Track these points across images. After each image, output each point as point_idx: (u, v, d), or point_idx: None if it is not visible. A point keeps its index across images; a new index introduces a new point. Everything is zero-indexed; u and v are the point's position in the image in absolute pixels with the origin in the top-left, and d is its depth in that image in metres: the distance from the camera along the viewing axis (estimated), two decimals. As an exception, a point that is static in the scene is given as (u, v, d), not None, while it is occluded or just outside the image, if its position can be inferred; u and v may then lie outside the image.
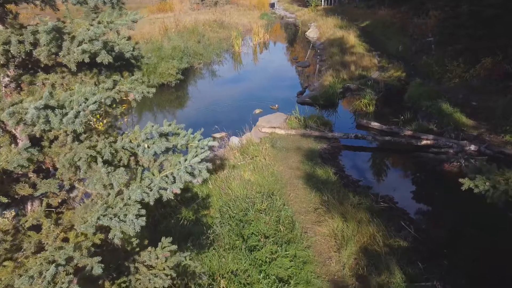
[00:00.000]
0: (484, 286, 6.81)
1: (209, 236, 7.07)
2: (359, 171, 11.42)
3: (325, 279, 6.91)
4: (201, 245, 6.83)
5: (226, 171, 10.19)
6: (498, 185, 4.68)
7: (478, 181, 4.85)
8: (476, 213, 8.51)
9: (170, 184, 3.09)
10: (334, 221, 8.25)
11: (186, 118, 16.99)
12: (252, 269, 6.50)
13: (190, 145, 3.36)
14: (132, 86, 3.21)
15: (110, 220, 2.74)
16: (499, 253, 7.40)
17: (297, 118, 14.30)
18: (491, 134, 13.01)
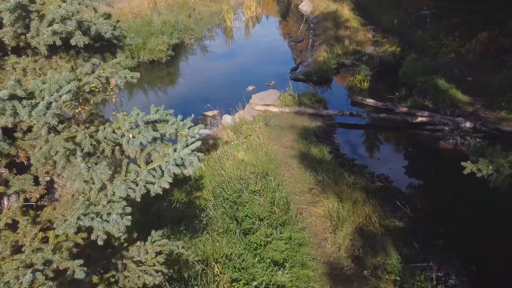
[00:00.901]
0: (479, 265, 6.75)
1: (202, 219, 6.88)
2: (354, 149, 11.25)
3: (320, 261, 6.80)
4: (194, 229, 6.66)
5: (219, 151, 9.94)
6: (502, 168, 4.49)
7: (481, 164, 4.65)
8: (472, 191, 8.40)
9: (158, 178, 2.84)
10: (330, 202, 8.10)
11: (177, 95, 16.59)
12: (247, 253, 6.36)
13: (180, 133, 3.09)
14: (113, 70, 2.89)
15: (91, 220, 2.49)
16: (494, 232, 7.33)
17: (291, 95, 13.98)
18: (487, 111, 12.84)
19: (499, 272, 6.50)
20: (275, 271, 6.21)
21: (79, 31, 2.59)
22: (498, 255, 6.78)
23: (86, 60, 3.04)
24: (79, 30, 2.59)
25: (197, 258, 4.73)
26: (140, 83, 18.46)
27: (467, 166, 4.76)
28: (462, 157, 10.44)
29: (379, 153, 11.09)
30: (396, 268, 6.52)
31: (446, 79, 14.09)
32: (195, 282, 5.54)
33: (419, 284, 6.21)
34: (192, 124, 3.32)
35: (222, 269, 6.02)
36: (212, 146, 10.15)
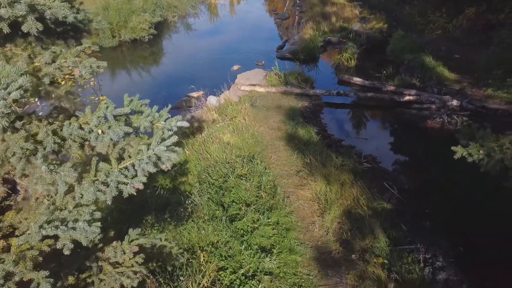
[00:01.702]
0: (466, 246, 6.73)
1: (187, 207, 6.67)
2: (341, 129, 11.08)
3: (308, 245, 6.70)
4: (179, 216, 6.46)
5: (204, 133, 9.67)
6: (493, 153, 4.36)
7: (472, 149, 4.51)
8: (459, 171, 8.34)
9: (131, 178, 2.59)
10: (317, 184, 7.97)
11: (161, 76, 16.11)
12: (234, 240, 6.20)
13: (156, 125, 2.83)
14: (77, 59, 2.58)
15: (56, 229, 2.25)
16: (481, 212, 7.30)
17: (277, 75, 13.66)
18: (473, 88, 12.75)
19: (485, 253, 6.49)
20: (262, 258, 6.08)
21: (31, 16, 2.27)
22: (484, 235, 6.77)
23: (46, 48, 2.71)
24: (31, 15, 2.26)
25: (181, 250, 4.54)
26: (122, 63, 17.89)
27: (457, 150, 4.61)
28: (449, 136, 10.45)
29: (366, 133, 10.95)
30: (384, 251, 6.46)
31: (433, 56, 13.93)
32: (180, 272, 5.39)
33: (407, 267, 6.16)
34: (169, 115, 3.05)
35: (208, 258, 5.86)
36: (197, 129, 9.87)
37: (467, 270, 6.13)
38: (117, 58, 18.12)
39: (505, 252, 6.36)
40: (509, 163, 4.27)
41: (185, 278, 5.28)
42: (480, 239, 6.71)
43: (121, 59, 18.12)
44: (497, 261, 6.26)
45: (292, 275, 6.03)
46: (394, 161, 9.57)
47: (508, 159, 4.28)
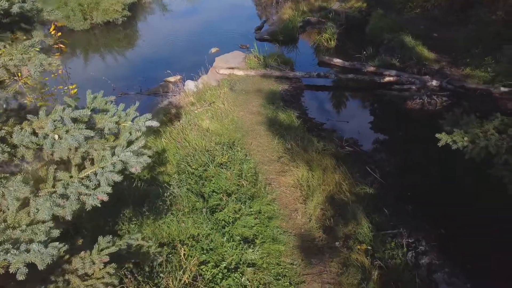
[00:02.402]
0: (447, 228, 6.73)
1: (165, 199, 6.42)
2: (322, 112, 10.91)
3: (291, 233, 6.57)
4: (158, 210, 6.20)
5: (182, 120, 9.34)
6: (477, 140, 4.24)
7: (456, 135, 4.39)
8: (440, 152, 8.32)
9: (93, 188, 2.33)
10: (299, 170, 7.81)
11: (137, 60, 15.53)
12: (215, 232, 6.00)
13: (123, 125, 2.55)
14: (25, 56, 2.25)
15: (5, 253, 1.98)
16: (461, 193, 7.31)
17: (256, 57, 13.32)
18: (452, 68, 12.74)
19: (466, 234, 6.50)
20: (245, 249, 5.92)
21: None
22: (465, 217, 6.78)
23: (-15, 44, 2.38)
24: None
25: (159, 249, 4.32)
26: (96, 48, 17.18)
27: (442, 137, 4.49)
28: (429, 116, 10.41)
29: (347, 116, 10.82)
30: (368, 237, 6.39)
31: (412, 35, 13.81)
32: (160, 269, 5.18)
33: (390, 252, 6.12)
34: (137, 114, 2.77)
35: (189, 252, 5.66)
36: (174, 116, 9.53)
37: (449, 253, 6.12)
38: (90, 41, 17.37)
39: (485, 234, 6.39)
40: (493, 150, 4.17)
41: (165, 275, 5.07)
42: (461, 221, 6.72)
43: (94, 43, 17.39)
44: (477, 243, 6.28)
45: (275, 265, 5.90)
46: (375, 144, 9.50)
47: (492, 146, 4.18)
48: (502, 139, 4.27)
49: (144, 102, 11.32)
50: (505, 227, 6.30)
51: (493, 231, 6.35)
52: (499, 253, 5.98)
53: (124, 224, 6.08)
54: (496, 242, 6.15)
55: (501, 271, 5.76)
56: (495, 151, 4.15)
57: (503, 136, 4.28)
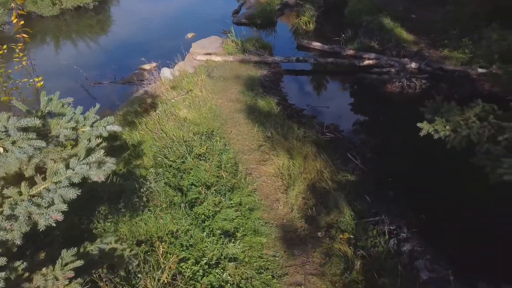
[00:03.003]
0: (427, 213, 6.71)
1: (142, 195, 6.16)
2: (302, 98, 10.72)
3: (273, 224, 6.43)
4: (134, 206, 5.96)
5: (158, 110, 9.00)
6: (459, 129, 4.12)
7: (438, 124, 4.26)
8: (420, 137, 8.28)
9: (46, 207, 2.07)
10: (280, 159, 7.65)
11: (110, 47, 14.95)
12: (194, 228, 5.81)
13: (81, 130, 2.29)
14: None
15: None
16: (442, 179, 7.29)
17: (234, 42, 12.97)
18: (431, 49, 12.69)
19: (447, 219, 6.50)
20: (226, 243, 5.76)
21: None
22: (445, 202, 6.76)
23: None
24: None
25: (134, 251, 4.10)
26: (67, 34, 16.46)
27: (423, 127, 4.36)
28: (409, 100, 10.36)
29: (327, 101, 10.65)
30: (350, 225, 6.31)
31: (391, 17, 13.66)
32: (137, 269, 4.97)
33: (372, 240, 6.06)
34: (97, 117, 2.50)
35: (168, 249, 5.47)
36: (150, 106, 9.19)
37: (430, 240, 6.09)
38: (60, 28, 16.61)
39: (465, 219, 6.40)
40: (475, 138, 4.07)
41: (143, 275, 4.87)
42: (442, 206, 6.69)
43: (64, 29, 16.64)
44: (458, 229, 6.28)
45: (257, 258, 5.76)
46: (356, 129, 9.40)
47: (474, 134, 4.07)
48: (484, 127, 4.17)
49: (118, 92, 10.91)
50: (486, 213, 6.31)
51: (473, 216, 6.35)
52: (480, 239, 5.99)
53: (100, 222, 5.83)
54: (477, 228, 6.17)
55: (481, 256, 5.79)
56: (477, 139, 4.05)
57: (485, 124, 4.18)
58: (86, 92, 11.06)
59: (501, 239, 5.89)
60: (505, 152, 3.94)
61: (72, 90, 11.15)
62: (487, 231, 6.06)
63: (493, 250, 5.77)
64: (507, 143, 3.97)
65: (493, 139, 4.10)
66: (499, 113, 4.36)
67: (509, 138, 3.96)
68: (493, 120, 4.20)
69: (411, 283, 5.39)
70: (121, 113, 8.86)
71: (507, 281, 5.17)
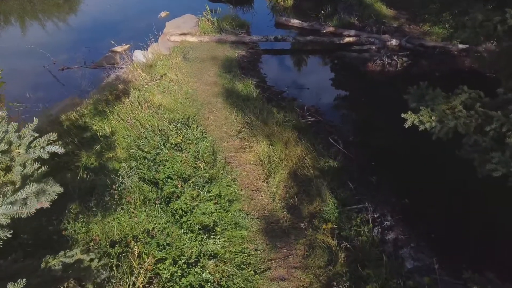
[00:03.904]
0: (411, 200, 6.55)
1: (114, 193, 5.78)
2: (282, 79, 10.32)
3: (254, 216, 6.18)
4: (107, 205, 5.58)
5: (131, 97, 8.49)
6: (445, 119, 3.86)
7: (423, 114, 3.99)
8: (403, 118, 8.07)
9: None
10: (260, 146, 7.34)
11: (79, 28, 14.10)
12: (171, 225, 5.49)
13: (16, 152, 1.91)
14: None
15: None
16: (425, 162, 7.12)
17: (209, 21, 12.36)
18: (411, 25, 12.40)
19: (431, 206, 6.36)
20: (205, 239, 5.48)
21: None
22: (429, 187, 6.61)
23: None
24: None
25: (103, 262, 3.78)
26: (33, 15, 15.46)
27: (408, 117, 4.08)
28: (390, 78, 10.09)
29: (308, 82, 10.29)
30: (333, 214, 6.10)
31: (370, -9, 13.23)
32: (111, 274, 4.66)
33: (356, 229, 5.89)
34: (36, 135, 2.09)
35: (144, 249, 5.16)
36: (122, 92, 8.66)
37: (414, 227, 5.96)
38: (25, 8, 15.58)
39: (449, 205, 6.28)
40: (462, 130, 3.82)
41: (117, 280, 4.57)
42: (426, 192, 6.54)
43: (30, 9, 15.61)
44: (442, 215, 6.16)
45: (238, 253, 5.52)
46: (337, 111, 9.11)
47: (461, 125, 3.82)
48: (470, 116, 3.92)
49: (89, 77, 10.30)
50: (471, 198, 6.19)
51: (458, 201, 6.24)
52: (464, 224, 5.89)
53: (70, 222, 5.46)
54: (461, 213, 6.06)
55: (465, 243, 5.69)
56: (464, 130, 3.81)
57: (471, 113, 3.93)
58: (54, 78, 10.40)
59: (486, 225, 5.80)
60: (493, 143, 3.72)
61: (38, 76, 10.49)
62: (471, 217, 5.96)
63: (477, 236, 5.68)
64: (495, 134, 3.74)
65: (481, 129, 3.87)
66: (486, 100, 4.12)
67: (496, 128, 3.73)
68: (480, 109, 3.96)
69: (396, 273, 5.27)
70: (91, 101, 8.32)
71: (491, 268, 5.08)
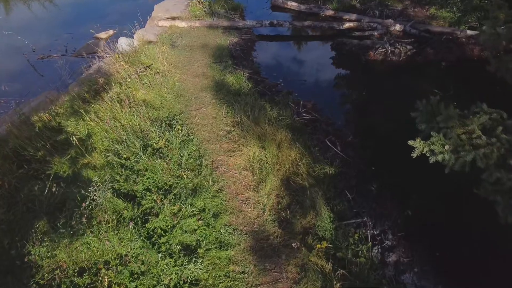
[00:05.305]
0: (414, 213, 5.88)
1: (83, 212, 5.10)
2: (277, 69, 9.45)
3: (242, 231, 5.55)
4: (73, 229, 4.91)
5: (112, 92, 7.71)
6: (461, 150, 3.13)
7: (434, 142, 3.25)
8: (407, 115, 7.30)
9: None
10: (250, 149, 6.64)
11: (63, 11, 13.11)
12: (146, 252, 4.83)
13: None
14: None
15: None
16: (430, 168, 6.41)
17: (201, 3, 11.40)
18: (416, 7, 11.44)
19: (435, 216, 5.72)
20: (185, 263, 4.86)
21: None
22: (434, 196, 5.96)
23: None
24: None
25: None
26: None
27: (416, 145, 3.33)
28: (393, 69, 9.23)
29: (304, 72, 9.45)
30: (328, 231, 5.46)
31: (374, -30, 12.15)
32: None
33: (353, 248, 5.26)
34: None
35: (116, 279, 4.55)
36: (103, 87, 7.86)
37: (417, 246, 5.32)
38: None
39: (457, 220, 5.62)
40: (482, 163, 3.09)
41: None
42: (430, 202, 5.88)
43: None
44: (448, 232, 5.50)
45: (223, 278, 4.91)
46: (336, 106, 8.30)
47: (480, 158, 3.09)
48: (491, 145, 3.19)
49: (70, 66, 9.45)
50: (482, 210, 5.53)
51: (467, 214, 5.56)
52: (475, 243, 5.25)
53: (35, 245, 4.83)
54: (472, 229, 5.41)
55: (475, 267, 5.07)
56: (484, 164, 3.08)
57: (492, 141, 3.20)
58: (32, 68, 9.57)
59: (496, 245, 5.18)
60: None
61: (17, 66, 9.67)
62: (480, 234, 5.32)
63: (489, 258, 5.06)
64: (525, 169, 3.03)
65: (504, 162, 3.15)
66: (509, 123, 3.37)
67: (526, 161, 3.01)
68: (503, 135, 3.22)
69: (396, 303, 4.69)
70: (67, 98, 7.55)
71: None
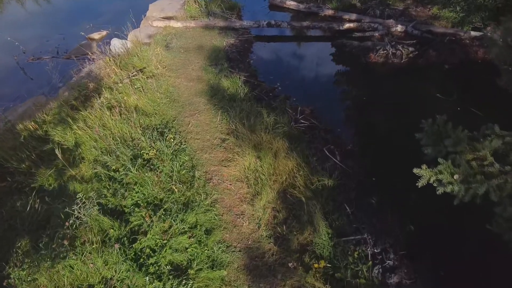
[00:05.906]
0: (416, 223, 5.58)
1: (66, 233, 4.78)
2: (274, 72, 9.07)
3: (236, 248, 5.24)
4: (55, 252, 4.57)
5: (102, 98, 7.37)
6: (472, 180, 2.80)
7: (442, 170, 2.92)
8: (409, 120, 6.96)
9: None
10: (246, 159, 6.32)
11: (52, 13, 12.70)
12: (132, 275, 4.52)
13: None
14: None
15: None
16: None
17: (197, 3, 11.01)
18: (418, 7, 11.05)
19: (439, 232, 5.40)
20: (175, 286, 4.57)
21: None
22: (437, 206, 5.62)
23: None
24: None
25: None
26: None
27: (422, 174, 3.00)
28: (395, 72, 8.85)
29: (303, 76, 9.07)
30: (326, 248, 5.16)
31: (374, -31, 11.73)
32: None
33: (353, 268, 4.96)
34: None
35: (100, 306, 4.25)
36: (93, 92, 7.52)
37: (420, 266, 5.01)
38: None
39: (463, 238, 5.30)
40: (495, 196, 2.76)
41: None
42: (433, 218, 5.56)
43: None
44: (454, 251, 5.19)
45: (215, 301, 4.64)
46: (335, 112, 7.90)
47: (494, 189, 2.76)
48: (505, 173, 2.86)
49: (61, 69, 9.10)
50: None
51: (474, 233, 5.23)
52: (482, 267, 4.93)
53: (15, 268, 4.52)
54: (478, 252, 5.09)
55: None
56: (498, 197, 2.76)
57: (506, 169, 2.87)
58: (22, 71, 9.21)
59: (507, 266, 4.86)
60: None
61: (7, 69, 9.32)
62: (490, 254, 5.00)
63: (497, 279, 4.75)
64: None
65: (521, 193, 2.82)
66: (525, 148, 3.04)
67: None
68: (517, 163, 2.89)
69: (398, 329, 4.39)
70: (55, 105, 7.20)
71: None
